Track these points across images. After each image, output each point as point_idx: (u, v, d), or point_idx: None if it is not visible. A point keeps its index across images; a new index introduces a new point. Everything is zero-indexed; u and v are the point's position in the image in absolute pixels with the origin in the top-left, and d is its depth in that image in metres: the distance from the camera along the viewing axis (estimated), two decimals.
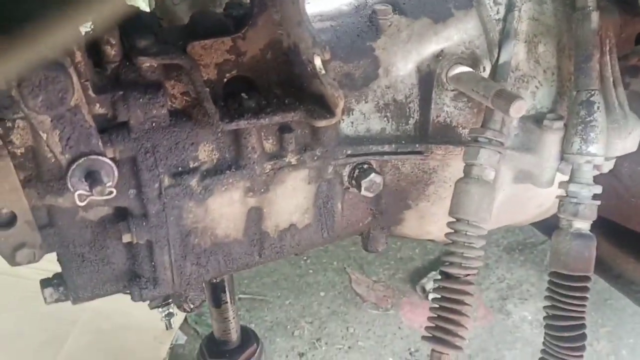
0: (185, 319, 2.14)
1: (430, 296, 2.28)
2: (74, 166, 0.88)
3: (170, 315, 1.48)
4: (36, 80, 0.80)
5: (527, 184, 1.14)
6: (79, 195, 0.88)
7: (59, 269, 1.07)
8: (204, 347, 1.74)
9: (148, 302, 1.22)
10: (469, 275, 1.01)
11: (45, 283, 1.08)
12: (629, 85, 1.18)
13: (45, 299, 1.08)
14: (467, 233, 1.02)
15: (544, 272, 2.41)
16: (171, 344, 2.04)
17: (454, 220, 1.03)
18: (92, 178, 0.88)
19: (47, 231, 1.00)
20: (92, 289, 1.08)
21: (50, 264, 1.10)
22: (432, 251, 2.48)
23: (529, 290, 2.33)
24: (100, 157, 0.89)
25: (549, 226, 1.36)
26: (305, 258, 2.45)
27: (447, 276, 1.03)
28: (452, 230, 1.03)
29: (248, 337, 1.75)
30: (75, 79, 0.84)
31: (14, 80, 0.80)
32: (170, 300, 1.32)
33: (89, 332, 2.02)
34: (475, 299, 1.08)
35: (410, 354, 2.09)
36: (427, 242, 2.45)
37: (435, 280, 1.05)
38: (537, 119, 1.10)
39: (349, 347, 2.10)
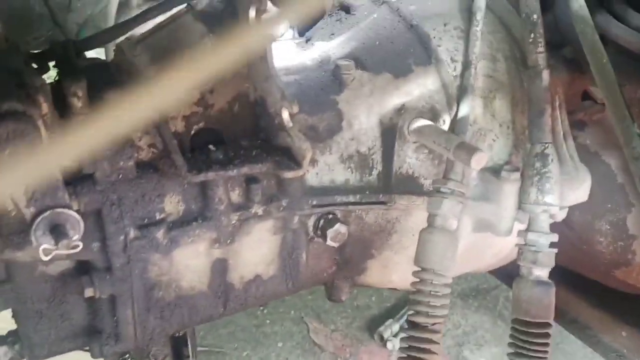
0: None
1: (389, 345, 2.29)
2: (38, 219, 0.86)
3: None
4: (3, 133, 0.79)
5: (487, 232, 1.17)
6: (44, 249, 0.86)
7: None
8: None
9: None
10: (435, 323, 1.03)
11: None
12: (576, 138, 1.24)
13: None
14: (433, 282, 1.03)
15: (498, 317, 2.45)
16: None
17: (419, 269, 1.05)
18: (58, 231, 0.86)
19: (3, 287, 0.96)
20: (50, 346, 1.04)
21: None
22: (389, 299, 2.49)
23: (484, 336, 2.35)
24: (66, 210, 0.87)
25: (504, 272, 1.40)
26: (262, 308, 2.41)
27: (413, 325, 1.04)
28: (418, 280, 1.05)
29: None
30: (43, 131, 0.83)
31: None
32: (127, 356, 1.28)
33: None
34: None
35: None
36: (383, 290, 2.46)
37: (402, 330, 1.06)
38: (495, 170, 1.14)
39: None
